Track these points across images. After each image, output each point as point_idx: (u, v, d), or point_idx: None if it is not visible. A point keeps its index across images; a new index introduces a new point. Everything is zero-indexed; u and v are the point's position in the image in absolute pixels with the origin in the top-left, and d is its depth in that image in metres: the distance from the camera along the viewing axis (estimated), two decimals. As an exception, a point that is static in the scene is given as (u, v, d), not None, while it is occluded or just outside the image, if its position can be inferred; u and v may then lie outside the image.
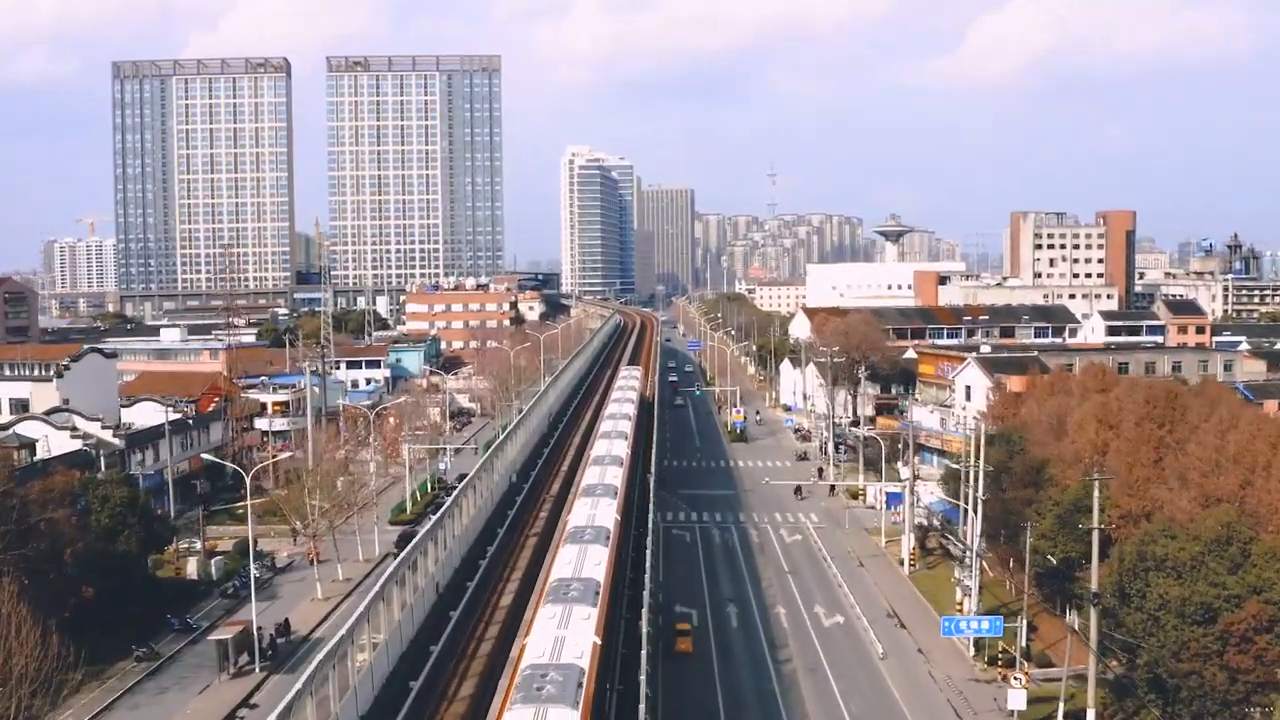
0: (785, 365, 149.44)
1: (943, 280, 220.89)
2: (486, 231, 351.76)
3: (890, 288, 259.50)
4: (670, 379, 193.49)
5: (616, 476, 53.79)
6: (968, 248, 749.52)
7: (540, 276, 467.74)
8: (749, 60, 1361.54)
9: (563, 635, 30.98)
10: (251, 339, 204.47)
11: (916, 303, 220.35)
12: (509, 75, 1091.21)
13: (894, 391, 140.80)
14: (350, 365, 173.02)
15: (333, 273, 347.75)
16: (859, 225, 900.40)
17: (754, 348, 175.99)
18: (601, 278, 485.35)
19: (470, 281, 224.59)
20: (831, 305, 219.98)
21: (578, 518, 45.98)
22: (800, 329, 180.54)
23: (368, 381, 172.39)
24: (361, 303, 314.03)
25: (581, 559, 38.70)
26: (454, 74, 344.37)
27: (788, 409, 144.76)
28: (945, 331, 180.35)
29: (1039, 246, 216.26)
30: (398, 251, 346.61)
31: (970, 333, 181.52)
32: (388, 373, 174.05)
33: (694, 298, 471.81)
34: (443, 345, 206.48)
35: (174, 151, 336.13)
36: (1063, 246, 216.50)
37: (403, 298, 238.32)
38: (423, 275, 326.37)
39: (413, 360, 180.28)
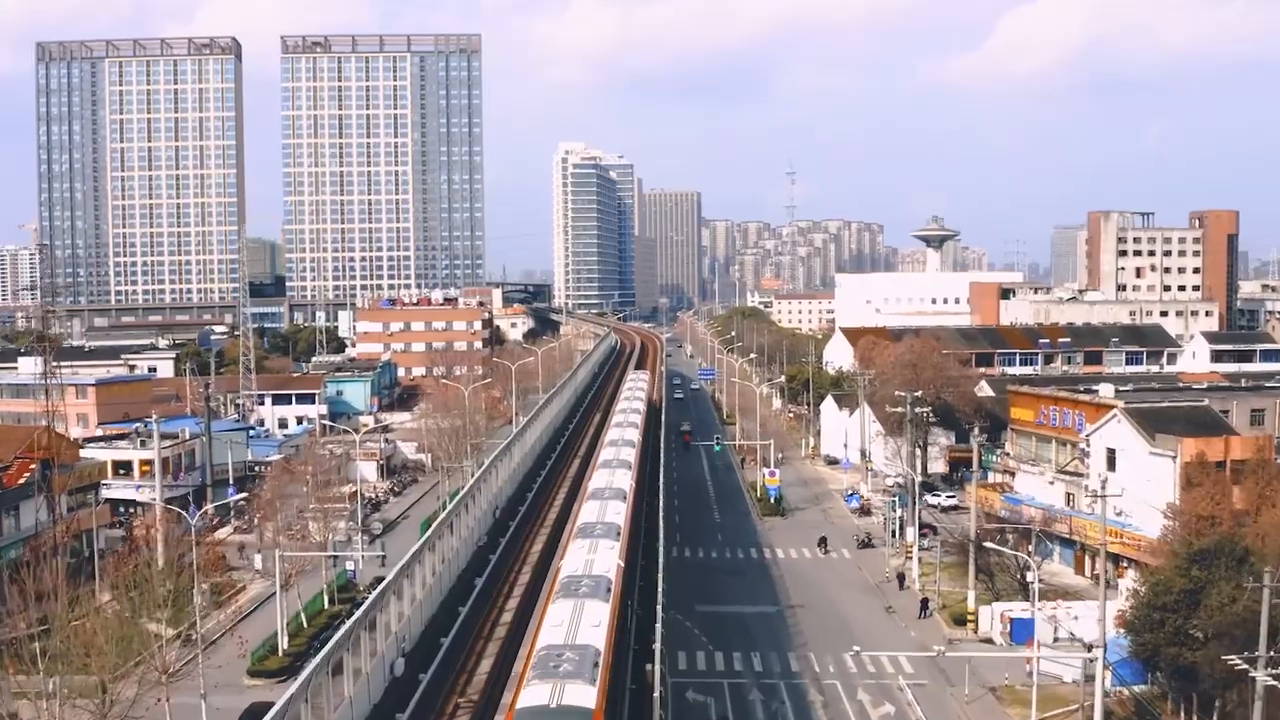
0: (828, 404, 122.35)
1: (1005, 294, 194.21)
2: (465, 236, 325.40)
3: (935, 302, 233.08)
4: (675, 391, 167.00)
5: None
6: (995, 256, 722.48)
7: (530, 288, 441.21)
8: (759, 58, 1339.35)
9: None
10: (168, 366, 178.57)
11: (974, 321, 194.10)
12: (503, 71, 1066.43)
13: (972, 441, 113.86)
14: (277, 400, 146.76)
15: (288, 283, 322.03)
16: (880, 232, 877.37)
17: (783, 379, 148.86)
18: (598, 289, 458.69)
19: (437, 294, 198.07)
20: (866, 322, 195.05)
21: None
22: (839, 354, 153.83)
23: (299, 421, 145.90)
24: (321, 319, 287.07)
25: None
26: (427, 55, 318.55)
27: (833, 462, 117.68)
28: (1017, 357, 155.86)
29: (1123, 253, 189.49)
30: (363, 259, 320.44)
31: (1048, 359, 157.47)
32: (324, 409, 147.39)
33: (701, 312, 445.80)
34: (400, 372, 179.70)
35: (106, 145, 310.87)
36: (1151, 253, 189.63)
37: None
38: (391, 287, 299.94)
39: (357, 392, 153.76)
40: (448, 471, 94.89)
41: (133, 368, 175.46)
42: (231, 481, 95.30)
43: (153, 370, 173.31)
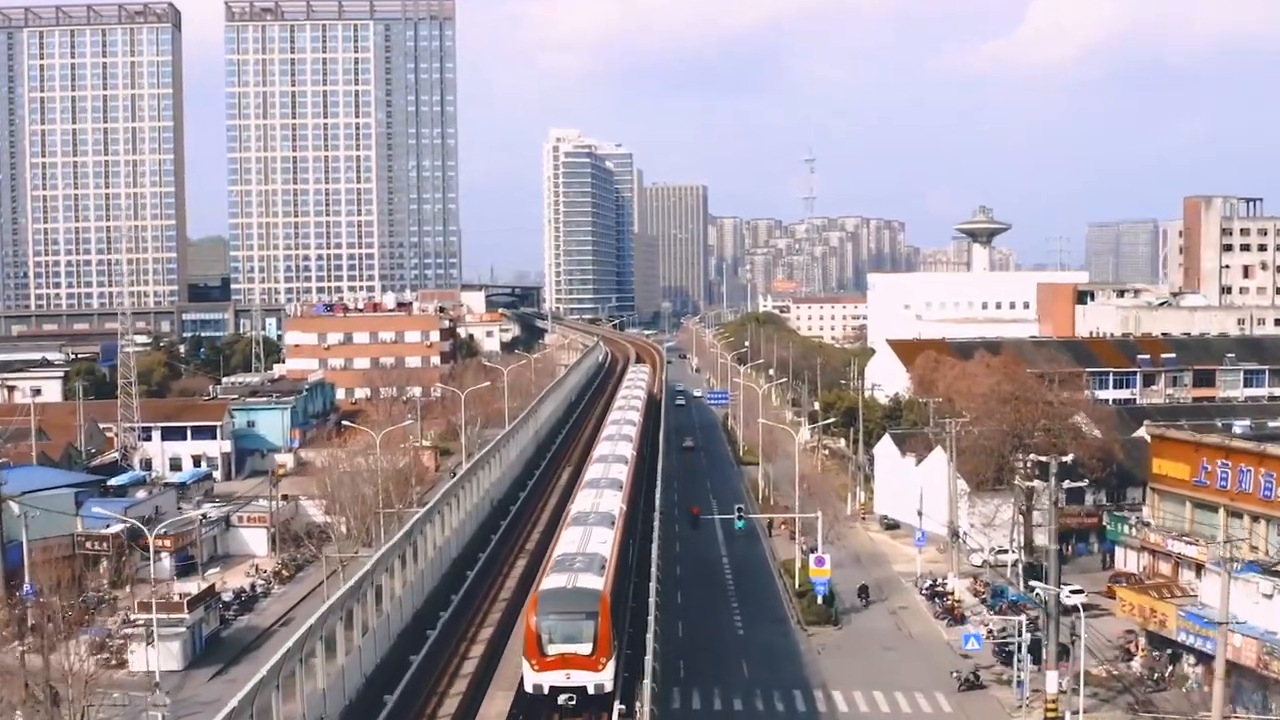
0: (884, 446, 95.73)
1: (1081, 297, 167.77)
2: (437, 232, 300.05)
3: (986, 306, 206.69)
4: (675, 399, 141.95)
5: None
6: (1024, 256, 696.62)
7: (517, 291, 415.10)
8: (768, 46, 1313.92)
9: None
10: (55, 387, 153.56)
11: (1042, 330, 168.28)
12: (499, 55, 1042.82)
13: (1090, 501, 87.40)
14: (169, 434, 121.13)
15: (233, 286, 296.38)
16: (900, 230, 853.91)
17: (818, 406, 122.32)
18: (593, 292, 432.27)
19: (388, 299, 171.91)
20: (905, 330, 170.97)
21: None
22: (886, 374, 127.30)
23: (196, 461, 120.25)
24: (273, 327, 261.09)
25: None
26: (393, 23, 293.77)
27: (892, 527, 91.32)
28: (1111, 378, 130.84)
29: (1227, 248, 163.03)
30: (319, 258, 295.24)
31: (1148, 380, 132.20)
32: (228, 446, 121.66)
33: (708, 317, 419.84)
34: (340, 394, 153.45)
35: (25, 127, 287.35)
36: (1262, 248, 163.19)
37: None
38: (351, 288, 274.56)
39: (273, 423, 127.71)
40: (343, 563, 68.17)
41: (11, 389, 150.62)
42: (27, 573, 68.71)
43: (37, 392, 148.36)
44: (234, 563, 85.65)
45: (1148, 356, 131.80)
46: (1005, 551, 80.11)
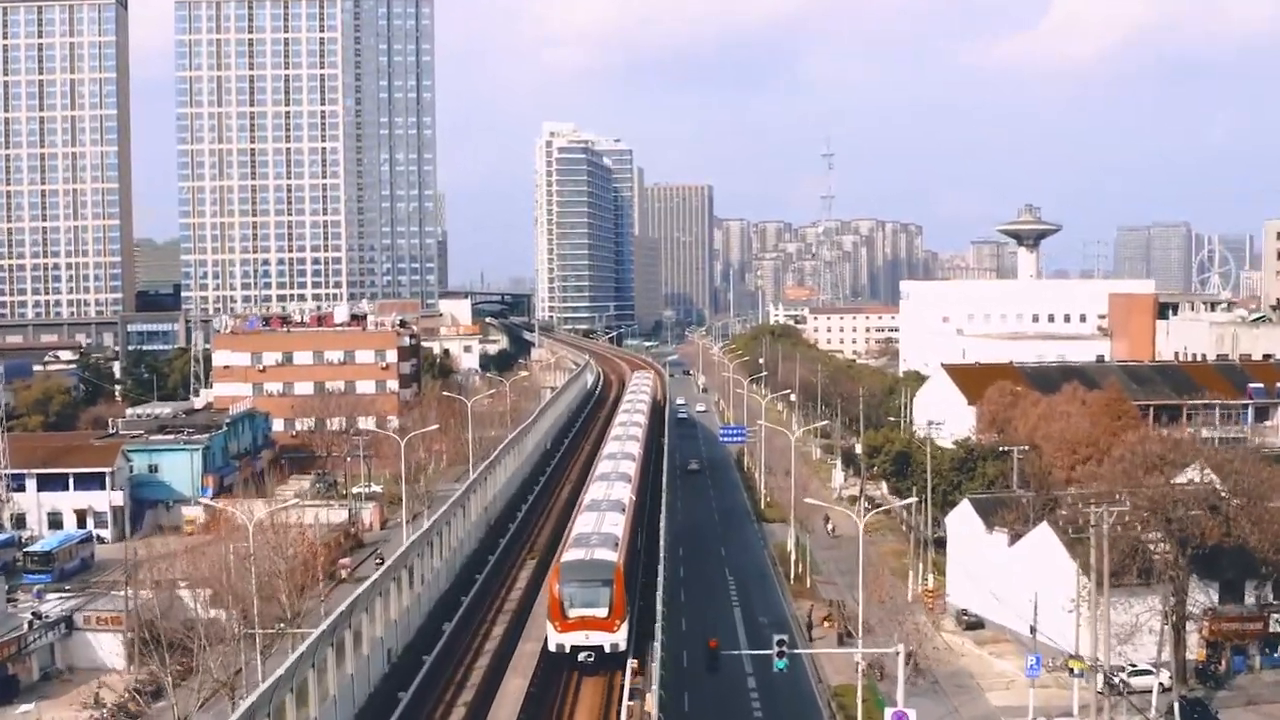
0: (961, 515, 75.05)
1: (1164, 311, 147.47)
2: (412, 233, 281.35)
3: (1038, 319, 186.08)
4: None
5: None
6: (1049, 261, 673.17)
7: (506, 299, 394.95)
8: (773, 40, 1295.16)
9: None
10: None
11: (1117, 350, 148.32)
12: (493, 53, 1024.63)
13: (1252, 597, 66.66)
14: (46, 483, 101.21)
15: (184, 293, 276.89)
16: (918, 234, 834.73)
17: (857, 449, 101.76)
18: (589, 299, 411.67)
19: (342, 311, 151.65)
20: (945, 347, 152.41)
21: None
22: (942, 407, 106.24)
23: (80, 519, 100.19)
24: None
25: None
26: (363, 0, 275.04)
27: (974, 626, 70.88)
28: (1219, 411, 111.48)
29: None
30: (280, 262, 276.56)
31: (1261, 413, 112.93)
32: (120, 497, 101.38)
33: (714, 328, 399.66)
34: (278, 426, 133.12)
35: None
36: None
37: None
38: (316, 296, 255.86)
39: (180, 467, 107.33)
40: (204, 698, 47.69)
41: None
42: None
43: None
44: (79, 679, 65.49)
45: (1261, 385, 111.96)
46: (1146, 673, 59.88)
